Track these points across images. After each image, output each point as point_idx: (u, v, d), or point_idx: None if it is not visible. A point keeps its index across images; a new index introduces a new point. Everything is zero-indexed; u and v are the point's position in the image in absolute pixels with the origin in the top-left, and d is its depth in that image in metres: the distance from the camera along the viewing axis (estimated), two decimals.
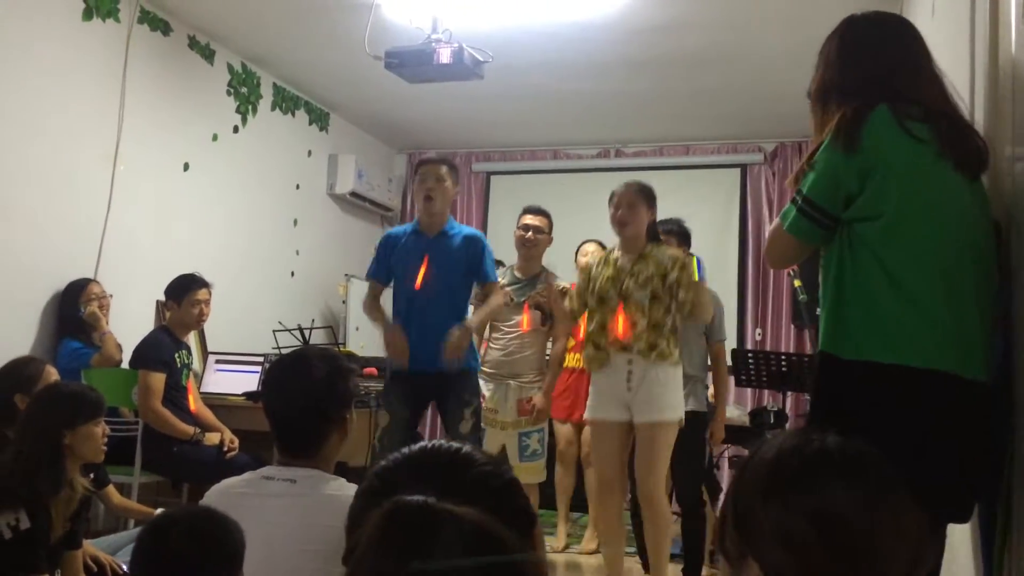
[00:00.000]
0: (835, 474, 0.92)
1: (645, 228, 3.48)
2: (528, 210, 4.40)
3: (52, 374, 3.09)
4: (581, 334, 3.89)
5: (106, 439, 2.61)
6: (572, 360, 4.73)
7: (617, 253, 3.54)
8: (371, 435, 4.20)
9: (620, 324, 3.41)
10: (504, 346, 4.29)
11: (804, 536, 0.89)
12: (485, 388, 4.19)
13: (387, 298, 3.89)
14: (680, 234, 3.99)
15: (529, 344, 4.26)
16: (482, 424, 4.07)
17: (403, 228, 3.93)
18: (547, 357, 4.35)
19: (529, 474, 4.16)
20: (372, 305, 3.83)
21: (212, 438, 3.93)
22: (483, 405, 4.10)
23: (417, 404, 3.78)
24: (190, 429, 3.89)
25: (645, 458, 3.33)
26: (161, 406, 3.85)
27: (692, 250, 4.38)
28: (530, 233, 4.29)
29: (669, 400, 3.33)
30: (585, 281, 3.57)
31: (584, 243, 4.97)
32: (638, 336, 3.34)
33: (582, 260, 4.86)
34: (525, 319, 4.20)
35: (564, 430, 4.75)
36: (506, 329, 4.27)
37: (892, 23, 1.92)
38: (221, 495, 1.88)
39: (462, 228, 3.86)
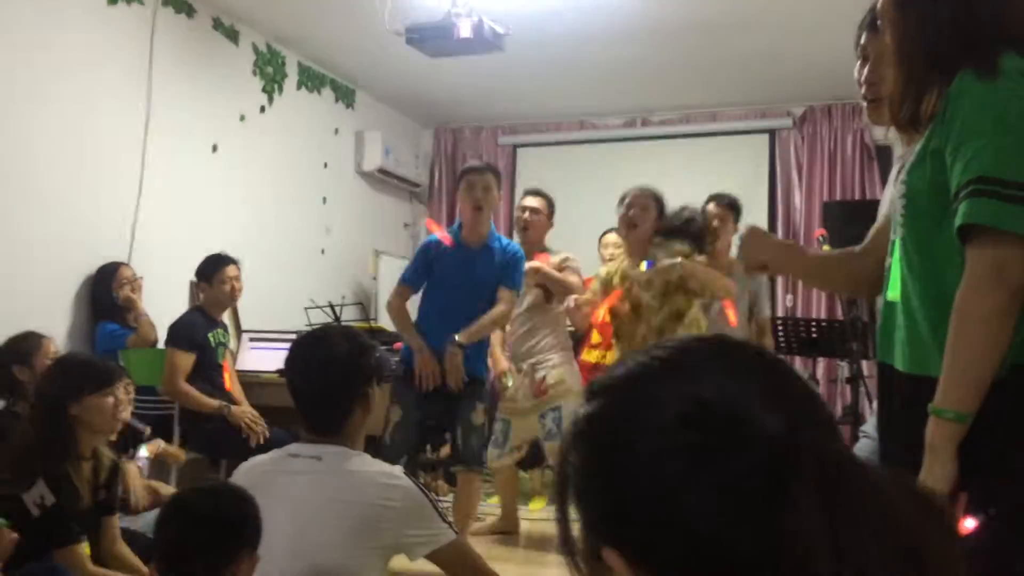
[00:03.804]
0: None
1: (651, 232, 3.59)
2: (528, 192, 4.38)
3: (50, 345, 3.20)
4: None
5: (122, 410, 2.53)
6: (595, 356, 4.75)
7: (625, 263, 3.65)
8: None
9: (600, 312, 3.61)
10: (513, 331, 4.24)
11: None
12: (511, 378, 4.22)
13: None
14: (731, 207, 4.27)
15: (539, 326, 4.18)
16: (505, 416, 4.16)
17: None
18: (567, 334, 4.38)
19: (553, 455, 4.17)
20: (401, 314, 3.80)
21: (237, 412, 3.98)
22: (506, 395, 4.20)
23: (430, 408, 3.71)
24: (215, 402, 3.94)
25: None
26: (185, 384, 3.91)
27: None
28: (527, 214, 4.23)
29: None
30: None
31: (606, 233, 4.94)
32: (644, 338, 3.44)
33: (605, 253, 4.87)
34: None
35: None
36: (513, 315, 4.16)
37: None
38: (248, 473, 1.94)
39: (503, 240, 3.84)
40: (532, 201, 4.27)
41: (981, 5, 1.44)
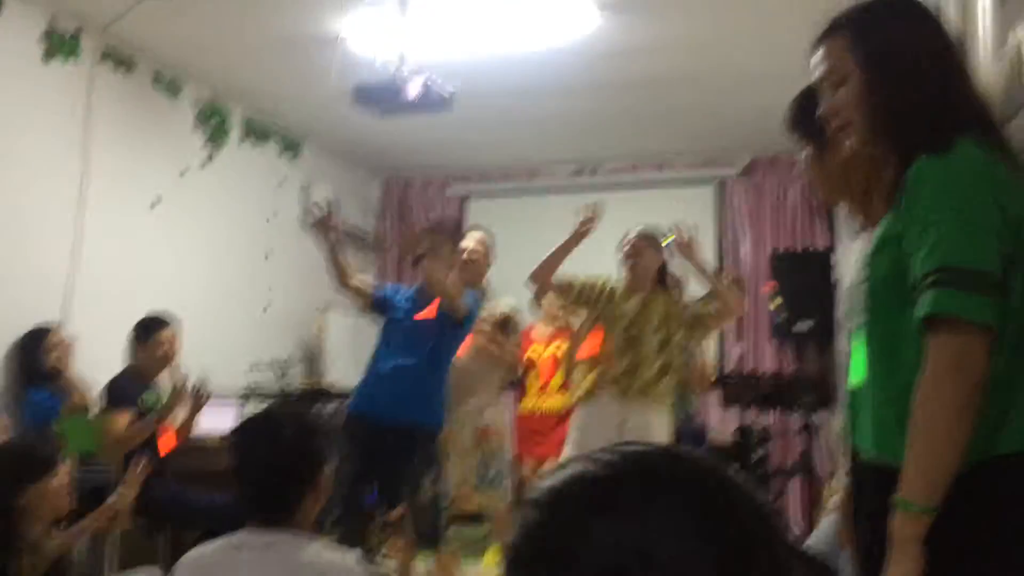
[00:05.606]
0: None
1: (655, 270, 3.72)
2: (470, 227, 4.38)
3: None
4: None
5: (70, 487, 2.53)
6: (541, 402, 4.69)
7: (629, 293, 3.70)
8: None
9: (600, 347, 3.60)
10: (463, 365, 4.14)
11: None
12: None
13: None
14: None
15: (486, 369, 4.23)
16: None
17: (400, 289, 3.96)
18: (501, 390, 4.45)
19: (494, 502, 4.12)
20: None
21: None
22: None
23: (369, 465, 3.59)
24: (148, 421, 3.81)
25: None
26: (124, 432, 3.76)
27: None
28: (465, 254, 3.97)
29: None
30: (601, 292, 3.67)
31: None
32: (637, 378, 3.46)
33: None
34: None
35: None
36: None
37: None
38: (193, 567, 1.82)
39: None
40: (473, 241, 4.03)
41: (951, 89, 1.43)
